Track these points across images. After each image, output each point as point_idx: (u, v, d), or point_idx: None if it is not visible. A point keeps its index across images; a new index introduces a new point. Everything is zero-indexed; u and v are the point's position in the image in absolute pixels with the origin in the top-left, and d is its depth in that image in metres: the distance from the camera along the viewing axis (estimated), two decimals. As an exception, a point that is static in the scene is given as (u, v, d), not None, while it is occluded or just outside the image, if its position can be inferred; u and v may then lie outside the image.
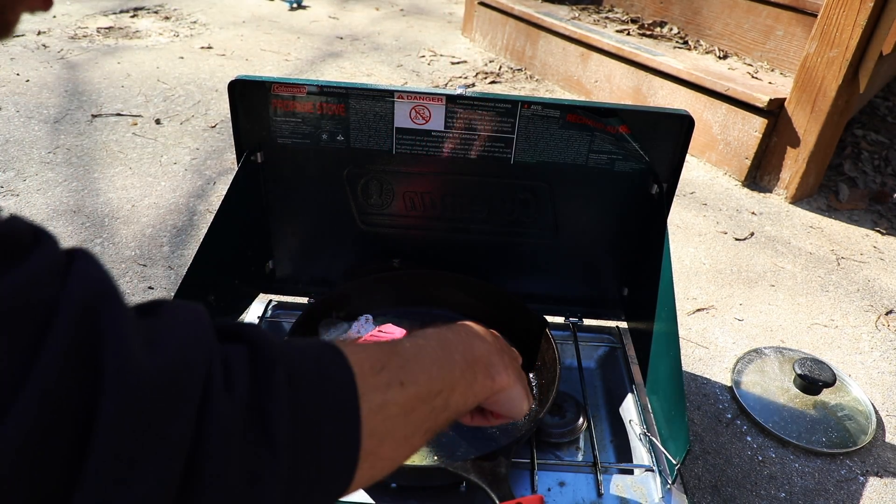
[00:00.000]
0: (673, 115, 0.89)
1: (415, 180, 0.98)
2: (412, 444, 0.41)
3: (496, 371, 0.52)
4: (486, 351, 0.52)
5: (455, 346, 0.48)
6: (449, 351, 0.47)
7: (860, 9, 1.64)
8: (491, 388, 0.51)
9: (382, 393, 0.38)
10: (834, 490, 1.04)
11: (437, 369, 0.44)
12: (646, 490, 0.79)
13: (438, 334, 0.48)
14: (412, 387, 0.40)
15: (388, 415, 0.38)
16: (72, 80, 2.43)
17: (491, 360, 0.52)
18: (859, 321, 1.45)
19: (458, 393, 0.46)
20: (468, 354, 0.49)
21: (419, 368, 0.42)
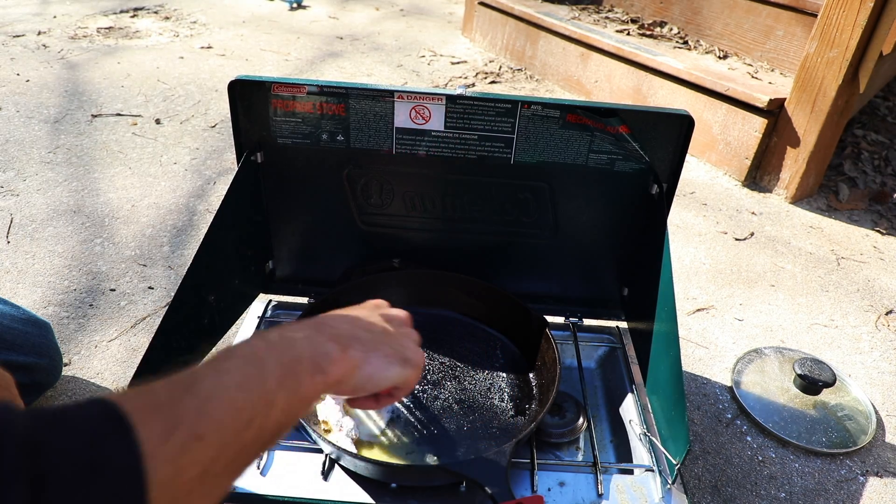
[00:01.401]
0: (673, 115, 0.89)
1: (415, 180, 0.98)
2: (220, 490, 0.37)
3: (328, 360, 0.47)
4: (311, 343, 0.47)
5: (267, 353, 0.43)
6: (259, 364, 0.42)
7: (860, 9, 1.64)
8: (325, 382, 0.46)
9: (174, 462, 0.33)
10: (834, 490, 1.04)
11: (243, 395, 0.39)
12: (646, 490, 0.79)
13: (248, 346, 0.44)
14: (213, 435, 0.36)
15: (183, 480, 0.33)
16: (72, 80, 2.43)
17: (319, 351, 0.47)
18: (859, 321, 1.45)
19: (279, 409, 0.41)
20: (286, 357, 0.44)
21: (221, 406, 0.37)
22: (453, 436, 0.85)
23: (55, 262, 1.43)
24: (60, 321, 1.26)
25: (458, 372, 0.95)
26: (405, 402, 0.89)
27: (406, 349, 0.57)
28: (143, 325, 1.27)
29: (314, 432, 0.76)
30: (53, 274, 1.40)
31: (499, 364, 0.98)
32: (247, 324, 1.04)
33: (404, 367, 0.55)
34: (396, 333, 0.59)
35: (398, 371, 0.55)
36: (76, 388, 1.11)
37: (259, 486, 0.76)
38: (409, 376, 0.56)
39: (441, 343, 1.00)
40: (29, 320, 1.02)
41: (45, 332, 1.04)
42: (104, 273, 1.41)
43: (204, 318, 0.90)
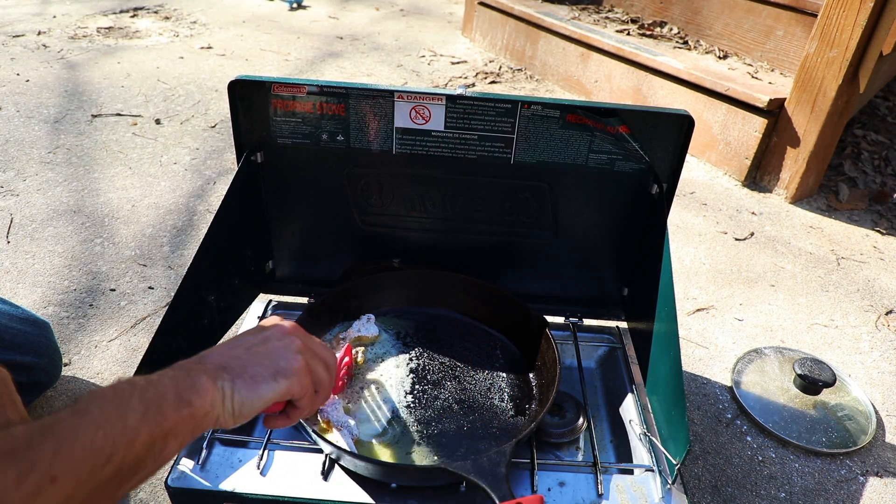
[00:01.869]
0: (673, 115, 0.89)
1: (415, 180, 0.98)
2: None
3: (193, 392, 0.48)
4: (177, 380, 0.48)
5: (131, 393, 0.44)
6: (121, 403, 0.43)
7: (860, 9, 1.64)
8: (192, 414, 0.48)
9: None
10: (834, 490, 1.04)
11: (102, 433, 0.40)
12: (646, 490, 0.79)
13: (112, 388, 0.45)
14: (69, 476, 0.37)
15: None
16: (72, 80, 2.43)
17: (184, 385, 0.48)
18: (859, 321, 1.45)
19: (141, 444, 0.42)
20: (149, 393, 0.45)
21: (77, 445, 0.38)
22: (453, 436, 0.85)
23: (55, 262, 1.43)
24: (60, 321, 1.26)
25: (458, 372, 0.95)
26: (405, 402, 0.89)
27: (279, 360, 0.57)
28: (143, 325, 1.27)
29: (314, 432, 0.76)
30: (53, 274, 1.40)
31: (499, 364, 0.98)
32: (247, 324, 1.04)
33: (277, 381, 0.55)
34: (273, 347, 0.58)
35: (271, 386, 0.55)
36: (76, 388, 1.11)
37: (259, 486, 0.76)
38: (287, 387, 0.56)
39: (441, 343, 1.00)
40: (28, 320, 1.02)
41: (44, 331, 1.04)
42: (104, 273, 1.41)
43: (204, 318, 0.90)
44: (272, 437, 0.83)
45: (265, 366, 0.56)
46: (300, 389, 0.58)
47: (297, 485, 0.77)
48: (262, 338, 0.60)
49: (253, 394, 0.54)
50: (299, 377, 0.58)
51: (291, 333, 0.62)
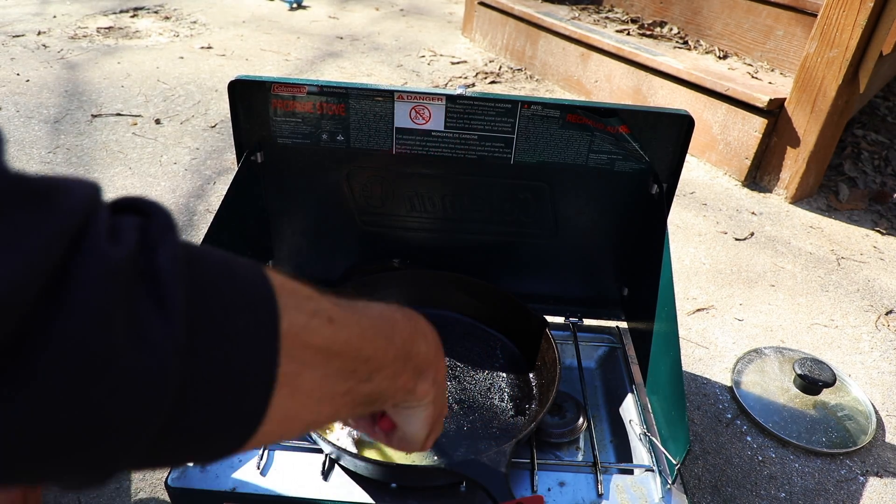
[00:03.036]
0: (673, 115, 0.89)
1: (415, 180, 0.98)
2: (333, 393, 0.36)
3: (424, 376, 0.46)
4: (426, 352, 0.46)
5: (399, 331, 0.43)
6: (390, 331, 0.41)
7: (860, 9, 1.64)
8: (411, 392, 0.45)
9: (307, 317, 0.33)
10: (834, 490, 1.04)
11: (372, 335, 0.38)
12: (646, 490, 0.79)
13: (388, 311, 0.43)
14: (342, 330, 0.35)
15: (309, 341, 0.33)
16: (72, 80, 2.43)
17: (423, 365, 0.46)
18: (859, 321, 1.45)
19: (386, 374, 0.40)
20: (406, 348, 0.43)
21: (354, 321, 0.37)
22: (453, 436, 0.85)
23: (55, 262, 1.43)
24: (60, 321, 1.26)
25: (458, 372, 0.95)
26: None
27: (440, 418, 0.52)
28: (143, 325, 1.27)
29: (314, 432, 0.76)
30: (53, 274, 1.39)
31: (499, 364, 0.98)
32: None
33: (428, 441, 0.51)
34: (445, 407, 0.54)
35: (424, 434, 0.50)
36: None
37: (259, 485, 0.76)
38: (417, 447, 0.52)
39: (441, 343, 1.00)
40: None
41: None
42: (104, 273, 1.41)
43: (204, 318, 0.90)
44: (272, 437, 0.82)
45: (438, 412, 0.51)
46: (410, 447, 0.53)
47: (297, 485, 0.77)
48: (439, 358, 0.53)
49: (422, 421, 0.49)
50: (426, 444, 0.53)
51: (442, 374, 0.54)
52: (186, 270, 0.27)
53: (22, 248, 0.21)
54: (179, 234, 0.28)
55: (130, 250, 0.25)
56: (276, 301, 0.31)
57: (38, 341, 0.22)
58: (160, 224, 0.27)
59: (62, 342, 0.22)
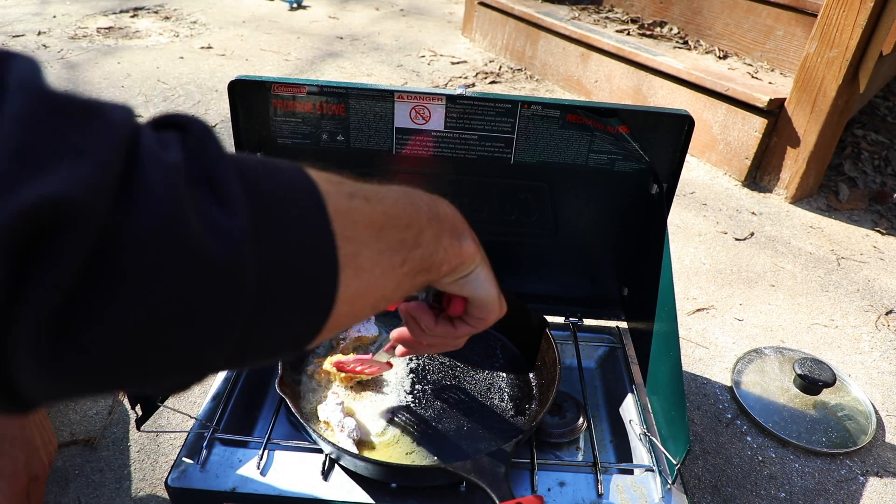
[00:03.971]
0: (673, 115, 0.89)
1: (415, 180, 0.98)
2: (392, 265, 0.37)
3: (463, 236, 0.47)
4: (453, 214, 0.47)
5: (420, 197, 0.44)
6: (413, 198, 0.43)
7: (860, 9, 1.64)
8: (459, 253, 0.46)
9: (348, 199, 0.35)
10: (834, 490, 1.04)
11: (403, 204, 0.40)
12: (646, 490, 0.79)
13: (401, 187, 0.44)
14: (378, 205, 0.37)
15: (356, 220, 0.34)
16: (72, 80, 2.43)
17: (457, 225, 0.47)
18: (859, 321, 1.45)
19: (429, 235, 0.42)
20: (434, 209, 0.45)
21: (384, 195, 0.39)
22: (453, 436, 0.85)
23: (55, 262, 1.43)
24: (60, 321, 1.26)
25: (459, 372, 0.95)
26: (405, 402, 0.89)
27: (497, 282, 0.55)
28: (143, 325, 1.27)
29: (314, 432, 0.76)
30: (53, 274, 1.39)
31: (499, 364, 0.98)
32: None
33: (501, 302, 0.54)
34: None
35: (497, 300, 0.53)
36: (76, 388, 1.11)
37: (259, 485, 0.76)
38: (499, 306, 0.54)
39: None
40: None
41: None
42: (104, 273, 1.41)
43: (204, 318, 0.90)
44: (272, 436, 0.83)
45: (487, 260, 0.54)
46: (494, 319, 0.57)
47: (297, 485, 0.77)
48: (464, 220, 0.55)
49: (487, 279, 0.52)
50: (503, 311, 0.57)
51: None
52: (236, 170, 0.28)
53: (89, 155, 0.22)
54: (219, 141, 0.30)
55: (181, 156, 0.26)
56: (318, 189, 0.32)
57: (121, 242, 0.23)
58: (199, 134, 0.29)
59: (144, 240, 0.23)
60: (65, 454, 0.99)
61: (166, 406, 0.84)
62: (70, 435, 1.02)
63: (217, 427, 0.83)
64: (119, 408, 1.08)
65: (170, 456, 1.01)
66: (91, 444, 1.01)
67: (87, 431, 1.03)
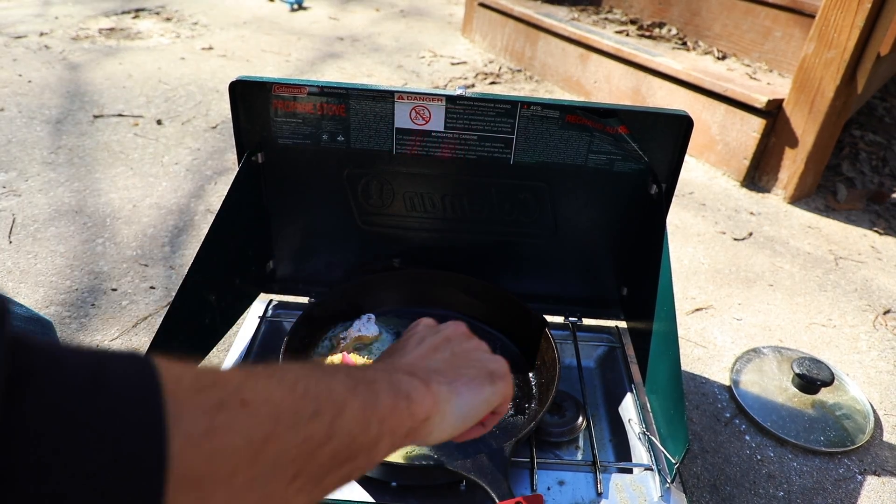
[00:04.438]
0: (672, 115, 0.89)
1: (415, 180, 0.99)
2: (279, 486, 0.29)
3: (410, 387, 0.40)
4: (388, 378, 0.40)
5: (335, 367, 0.38)
6: (326, 369, 0.37)
7: (858, 10, 1.64)
8: (411, 411, 0.39)
9: (210, 415, 0.26)
10: (832, 489, 1.05)
11: (303, 384, 0.32)
12: (645, 489, 0.79)
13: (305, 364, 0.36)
14: (264, 406, 0.29)
15: (220, 446, 0.26)
16: (74, 80, 2.44)
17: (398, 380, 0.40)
18: (857, 321, 1.46)
19: (353, 417, 0.34)
20: (357, 373, 0.38)
21: (274, 383, 0.31)
22: (453, 434, 0.85)
23: (57, 262, 1.44)
24: (62, 321, 1.27)
25: (458, 371, 0.96)
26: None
27: (487, 362, 0.50)
28: (145, 325, 1.28)
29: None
30: (55, 274, 1.40)
31: (498, 363, 0.98)
32: (247, 324, 1.05)
33: (495, 384, 0.48)
34: (469, 348, 0.52)
35: (491, 390, 0.48)
36: (78, 388, 1.11)
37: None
38: (504, 390, 0.50)
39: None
40: (32, 318, 1.03)
41: (47, 330, 1.04)
42: (106, 273, 1.42)
43: (205, 317, 0.90)
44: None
45: (475, 368, 0.48)
46: (511, 391, 0.51)
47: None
48: (443, 339, 0.52)
49: (477, 397, 0.46)
50: (509, 379, 0.51)
51: (472, 335, 0.54)
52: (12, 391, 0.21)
53: None
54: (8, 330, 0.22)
55: None
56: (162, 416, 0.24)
57: None
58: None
59: None
60: (67, 453, 1.00)
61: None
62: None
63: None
64: (121, 407, 1.08)
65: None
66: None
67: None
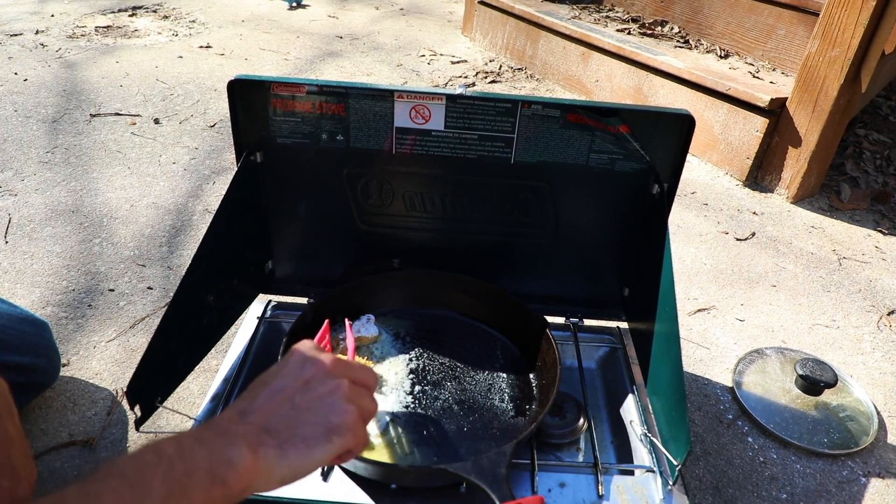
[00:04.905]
0: (674, 114, 0.88)
1: (415, 180, 0.98)
2: None
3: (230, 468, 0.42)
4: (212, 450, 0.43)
5: (154, 469, 0.40)
6: (140, 485, 0.38)
7: (862, 8, 1.63)
8: (226, 494, 0.42)
9: None
10: (836, 491, 1.04)
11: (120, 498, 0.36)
12: (646, 491, 0.79)
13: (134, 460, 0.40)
14: None
15: None
16: (70, 79, 2.43)
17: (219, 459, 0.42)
18: (861, 322, 1.45)
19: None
20: (175, 471, 0.40)
21: None
22: (453, 436, 0.84)
23: (53, 263, 1.43)
24: (59, 321, 1.26)
25: (458, 372, 0.95)
26: (405, 403, 0.89)
27: (330, 414, 0.50)
28: (142, 326, 1.27)
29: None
30: (52, 274, 1.39)
31: (499, 364, 0.97)
32: (246, 324, 1.04)
33: (331, 441, 0.49)
34: (319, 396, 0.51)
35: (325, 448, 0.48)
36: (74, 389, 1.11)
37: (258, 487, 0.76)
38: (343, 445, 0.50)
39: (441, 343, 1.00)
40: (26, 319, 1.02)
41: (42, 331, 1.04)
42: (103, 273, 1.41)
43: (203, 318, 0.90)
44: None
45: (315, 424, 0.49)
46: (356, 442, 0.51)
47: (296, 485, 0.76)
48: (302, 382, 0.52)
49: (306, 459, 0.47)
50: (354, 431, 0.51)
51: (335, 373, 0.54)
52: None
53: None
54: None
55: None
56: None
57: None
58: None
59: None
60: (63, 455, 0.99)
61: (165, 407, 0.83)
62: (69, 436, 1.02)
63: (216, 428, 0.83)
64: (118, 408, 1.08)
65: (168, 457, 1.00)
66: (90, 444, 1.00)
67: (85, 432, 1.03)
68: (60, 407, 1.07)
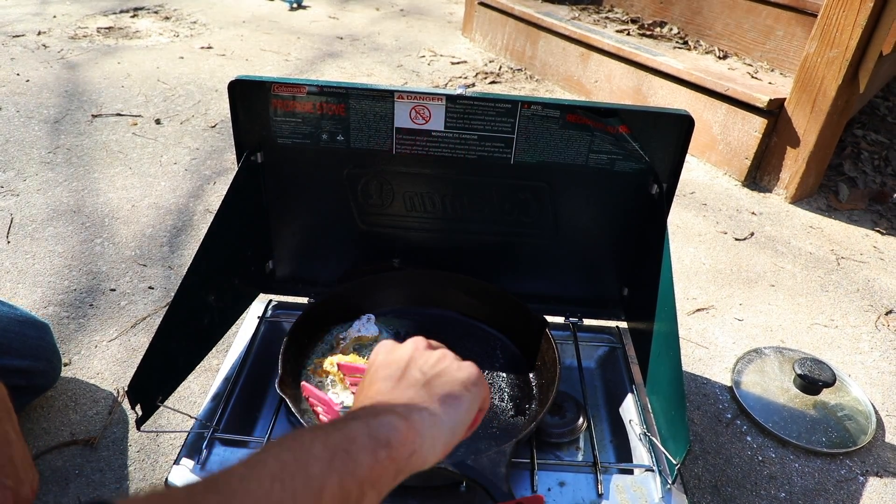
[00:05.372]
0: (673, 115, 0.89)
1: (415, 180, 0.98)
2: None
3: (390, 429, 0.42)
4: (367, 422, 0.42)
5: (313, 438, 0.39)
6: (301, 450, 0.38)
7: (860, 9, 1.64)
8: (392, 456, 0.42)
9: None
10: (834, 490, 1.04)
11: (279, 485, 0.35)
12: (646, 490, 0.79)
13: (293, 434, 0.40)
14: None
15: None
16: (72, 80, 2.43)
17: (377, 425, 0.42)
18: (859, 321, 1.45)
19: (331, 496, 0.37)
20: (333, 438, 0.40)
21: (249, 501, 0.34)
22: (453, 436, 0.85)
23: (55, 262, 1.43)
24: (60, 321, 1.26)
25: (458, 372, 0.95)
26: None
27: (456, 372, 0.52)
28: (143, 325, 1.27)
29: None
30: (53, 274, 1.40)
31: (499, 364, 0.98)
32: (246, 324, 1.04)
33: (469, 391, 0.51)
34: (433, 363, 0.53)
35: (468, 399, 0.50)
36: (76, 388, 1.11)
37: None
38: (479, 393, 0.51)
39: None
40: (27, 322, 1.02)
41: (43, 333, 1.04)
42: (104, 273, 1.41)
43: (204, 318, 0.90)
44: (272, 437, 0.83)
45: (448, 382, 0.50)
46: (487, 391, 0.53)
47: (297, 485, 0.77)
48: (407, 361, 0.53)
49: (456, 413, 0.48)
50: (482, 381, 0.52)
51: (428, 347, 0.55)
52: None
53: None
54: None
55: None
56: None
57: None
58: None
59: None
60: (65, 454, 0.99)
61: (166, 406, 0.84)
62: (70, 435, 1.02)
63: (217, 427, 0.83)
64: (119, 408, 1.08)
65: (170, 456, 1.01)
66: (91, 444, 1.01)
67: (87, 431, 1.03)
68: (62, 406, 1.07)
